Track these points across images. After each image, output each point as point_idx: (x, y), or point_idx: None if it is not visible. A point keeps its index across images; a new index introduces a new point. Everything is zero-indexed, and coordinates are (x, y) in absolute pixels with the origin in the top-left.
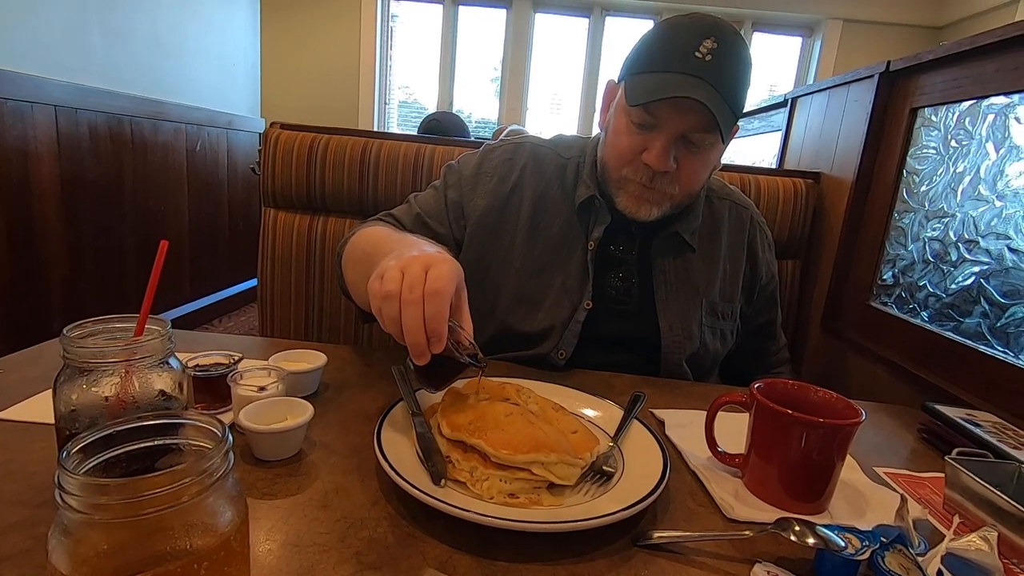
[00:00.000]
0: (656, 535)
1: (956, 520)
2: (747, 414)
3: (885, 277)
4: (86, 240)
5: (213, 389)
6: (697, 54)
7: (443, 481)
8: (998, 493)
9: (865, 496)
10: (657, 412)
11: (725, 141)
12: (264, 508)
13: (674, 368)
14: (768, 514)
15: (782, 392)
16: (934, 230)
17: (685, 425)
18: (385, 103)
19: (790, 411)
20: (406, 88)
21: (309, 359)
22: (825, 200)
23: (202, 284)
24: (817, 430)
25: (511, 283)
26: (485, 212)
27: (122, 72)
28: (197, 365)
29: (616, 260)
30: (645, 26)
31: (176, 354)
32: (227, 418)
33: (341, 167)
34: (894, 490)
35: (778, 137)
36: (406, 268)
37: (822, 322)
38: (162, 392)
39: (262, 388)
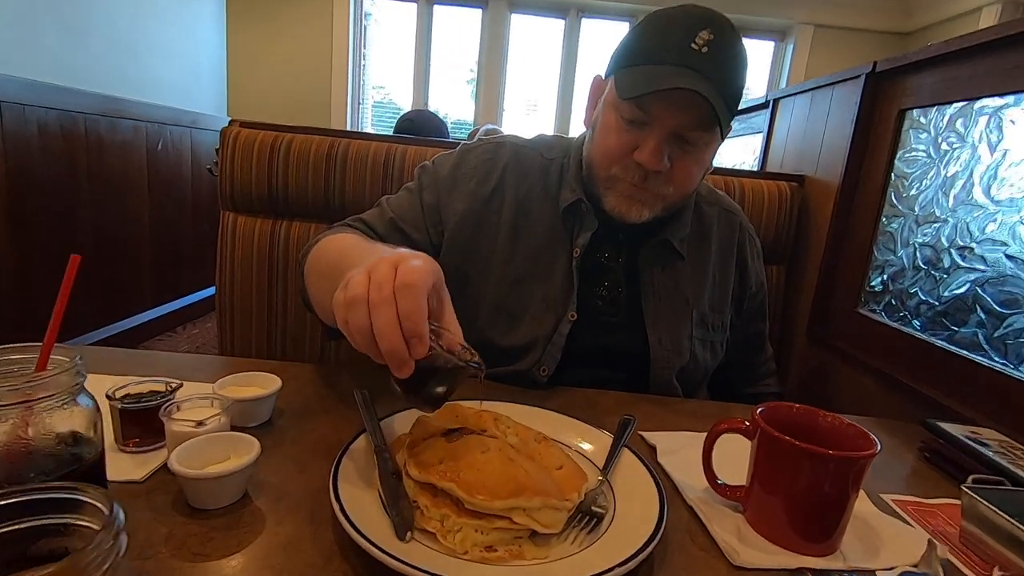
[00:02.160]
0: None
1: (997, 572)
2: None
3: (874, 283)
4: (36, 244)
5: (146, 422)
6: (693, 45)
7: (409, 535)
8: (1021, 527)
9: (877, 531)
10: (647, 436)
11: (723, 138)
12: (195, 574)
13: (664, 384)
14: (776, 558)
15: (786, 417)
16: (925, 235)
17: (677, 451)
18: (359, 103)
19: (798, 442)
20: (381, 88)
21: (261, 383)
22: (810, 203)
23: (163, 289)
24: (828, 464)
25: (491, 293)
26: (463, 217)
27: (77, 69)
28: (127, 395)
29: (602, 269)
30: (621, 28)
31: (107, 379)
32: (161, 456)
33: (305, 168)
34: (908, 523)
35: (759, 139)
36: (373, 269)
37: (808, 330)
38: (73, 435)
39: (200, 423)
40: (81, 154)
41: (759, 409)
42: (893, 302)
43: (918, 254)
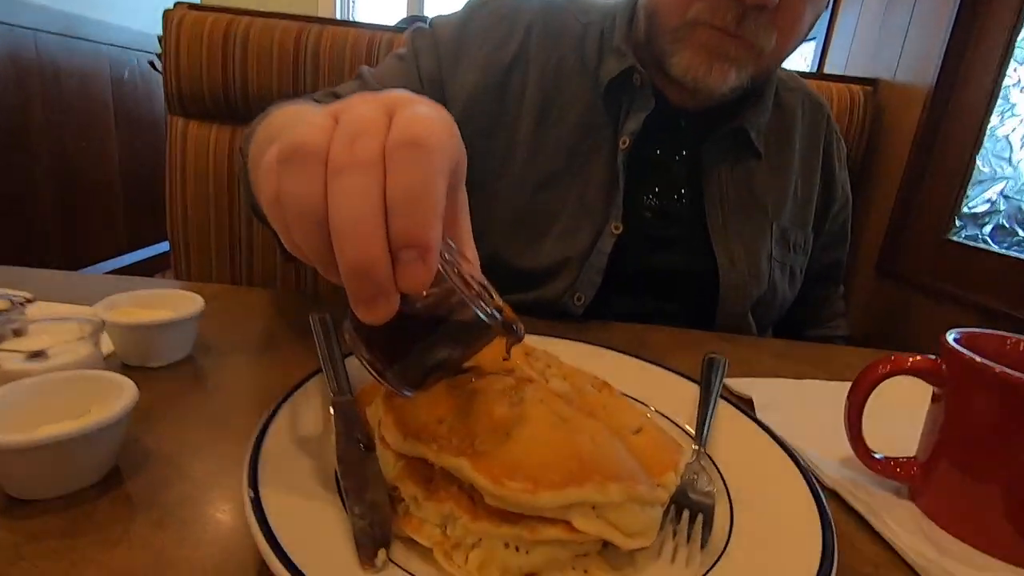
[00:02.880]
0: None
1: None
2: (906, 390)
3: (973, 204)
4: None
5: None
6: None
7: (382, 557)
8: None
9: None
10: (734, 383)
11: None
12: None
13: (735, 320)
14: None
15: (995, 352)
16: None
17: (781, 405)
18: None
19: None
20: None
21: (171, 305)
22: (885, 112)
23: (141, 234)
24: None
25: (509, 198)
26: (474, 94)
27: None
28: None
29: (656, 167)
30: None
31: None
32: None
33: (268, 61)
34: None
35: (811, 47)
36: (345, 110)
37: (878, 264)
38: None
39: (37, 353)
40: (34, 78)
41: (952, 335)
42: (1004, 223)
43: None
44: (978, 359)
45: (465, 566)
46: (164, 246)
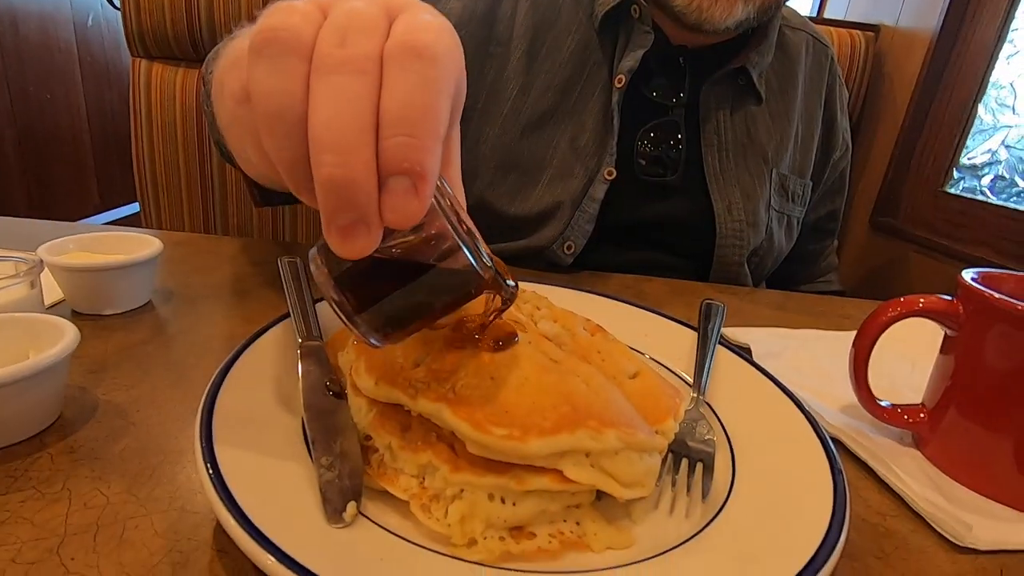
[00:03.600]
0: None
1: None
2: (909, 338)
3: (973, 154)
4: None
5: None
6: None
7: (351, 509)
8: None
9: None
10: (732, 332)
11: None
12: None
13: (731, 270)
14: (1020, 528)
15: (1013, 289)
16: None
17: (780, 354)
18: None
19: None
20: None
21: (128, 248)
22: (887, 59)
23: (114, 192)
24: None
25: (497, 139)
26: (462, 19)
27: None
28: None
29: (653, 109)
30: None
31: None
32: None
33: None
34: None
35: None
36: (336, 3)
37: (872, 217)
38: None
39: None
40: None
41: (969, 274)
42: (1005, 174)
43: None
44: (998, 296)
45: (444, 520)
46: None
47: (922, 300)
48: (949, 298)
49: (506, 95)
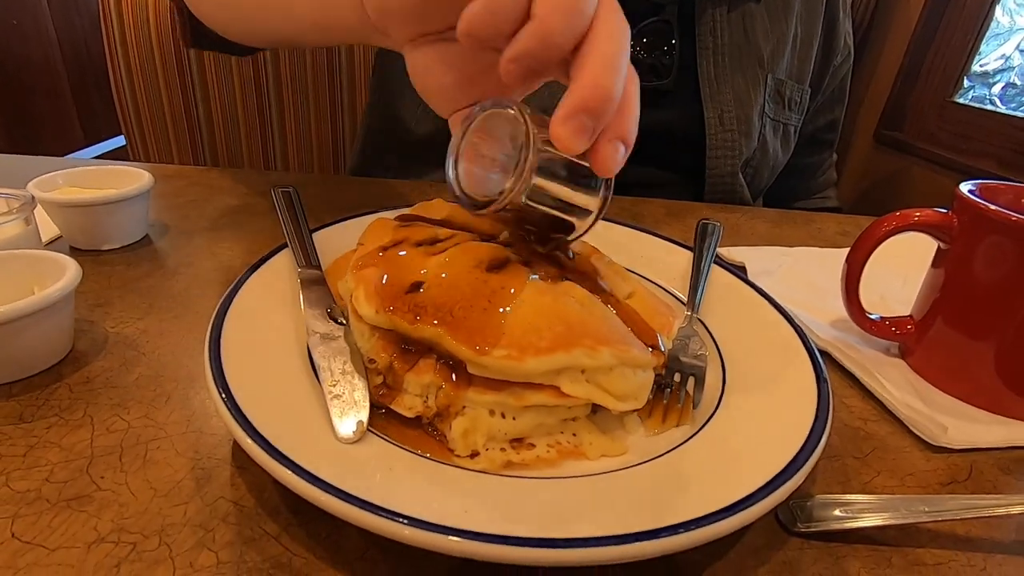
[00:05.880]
0: (824, 509)
1: None
2: (902, 254)
3: (985, 61)
4: None
5: None
6: None
7: (358, 425)
8: None
9: None
10: (727, 252)
11: None
12: None
13: (724, 182)
14: (995, 430)
15: (1011, 202)
16: None
17: (775, 271)
18: None
19: None
20: None
21: (119, 182)
22: None
23: (98, 124)
24: None
25: None
26: None
27: None
28: None
29: (644, 10)
30: None
31: None
32: None
33: None
34: None
35: None
36: None
37: (877, 131)
38: None
39: None
40: None
41: (967, 186)
42: (1017, 80)
43: None
44: (993, 207)
45: (450, 433)
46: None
47: (917, 214)
48: (945, 211)
49: None
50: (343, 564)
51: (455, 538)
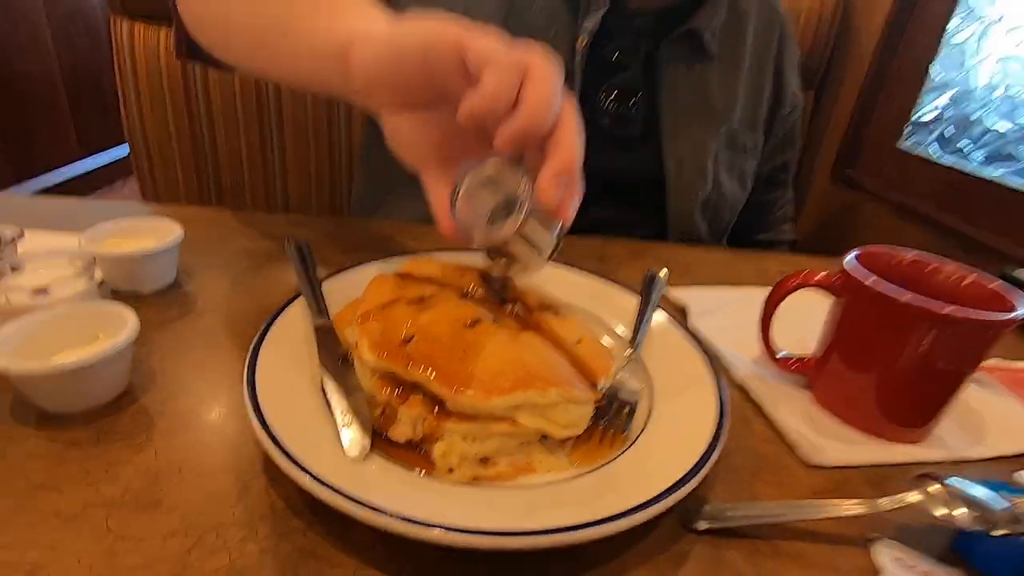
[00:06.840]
0: (715, 512)
1: None
2: (807, 298)
3: (924, 112)
4: None
5: None
6: None
7: (363, 452)
8: None
9: (976, 410)
10: (674, 292)
11: None
12: (44, 502)
13: (685, 220)
14: (864, 450)
15: (886, 267)
16: (1018, 45)
17: (714, 312)
18: None
19: (914, 302)
20: None
21: (154, 232)
22: (854, 13)
23: (94, 136)
24: (954, 329)
25: None
26: None
27: None
28: None
29: (613, 68)
30: None
31: None
32: None
33: None
34: (1005, 395)
35: None
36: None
37: (833, 169)
38: None
39: (42, 290)
40: None
41: (853, 254)
42: (948, 133)
43: (1003, 70)
44: (863, 280)
45: (433, 454)
46: (122, 150)
47: (817, 276)
48: (836, 273)
49: None
50: (354, 552)
51: (438, 530)
